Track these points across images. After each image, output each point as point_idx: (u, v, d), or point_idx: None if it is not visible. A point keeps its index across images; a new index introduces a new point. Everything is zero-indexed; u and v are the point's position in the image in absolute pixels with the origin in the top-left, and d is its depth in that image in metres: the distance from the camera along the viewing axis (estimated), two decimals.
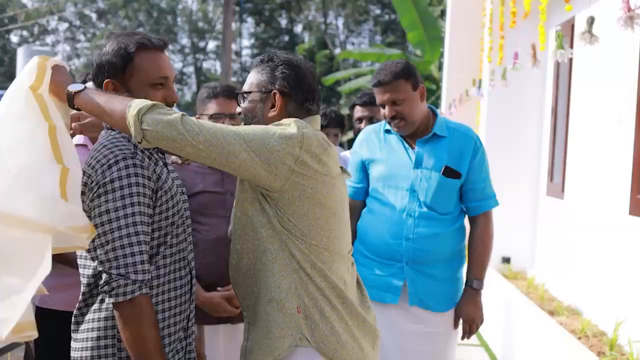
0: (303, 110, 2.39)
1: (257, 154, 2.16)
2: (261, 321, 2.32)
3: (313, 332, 2.27)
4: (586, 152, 5.23)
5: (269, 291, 2.29)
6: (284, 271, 2.28)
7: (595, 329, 4.41)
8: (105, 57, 2.26)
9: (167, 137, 2.09)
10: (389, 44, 30.08)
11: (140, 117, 2.07)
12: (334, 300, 2.32)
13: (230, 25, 24.45)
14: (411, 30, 13.89)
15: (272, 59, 2.41)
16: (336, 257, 2.35)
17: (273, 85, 2.36)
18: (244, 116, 2.43)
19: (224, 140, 2.13)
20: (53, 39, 38.42)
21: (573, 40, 5.33)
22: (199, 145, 2.11)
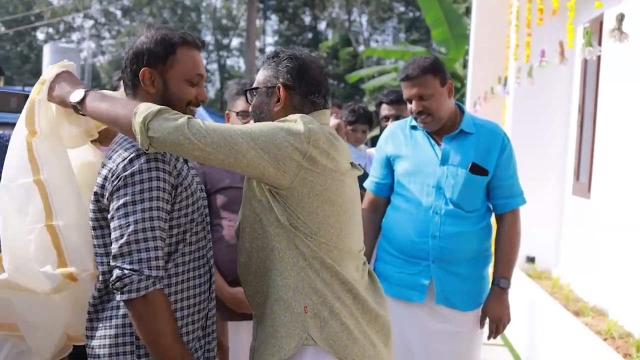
0: (307, 103, 2.38)
1: (265, 151, 2.15)
2: (268, 320, 2.30)
3: (322, 330, 2.25)
4: (613, 151, 5.17)
5: (276, 290, 2.28)
6: (291, 270, 2.26)
7: (622, 330, 4.36)
8: (146, 45, 2.26)
9: (173, 143, 2.08)
10: (413, 41, 29.93)
11: (146, 124, 2.07)
12: (344, 296, 2.29)
13: (254, 23, 24.50)
14: (435, 28, 13.80)
15: (278, 55, 2.42)
16: (346, 255, 2.33)
17: (277, 80, 2.37)
18: (253, 112, 2.44)
19: (231, 140, 2.12)
20: (78, 36, 38.73)
21: (601, 38, 5.27)
22: (207, 148, 2.10)
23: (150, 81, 2.25)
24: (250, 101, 2.46)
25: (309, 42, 36.29)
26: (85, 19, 38.41)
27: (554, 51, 5.15)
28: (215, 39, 37.72)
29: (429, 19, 13.82)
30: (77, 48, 30.08)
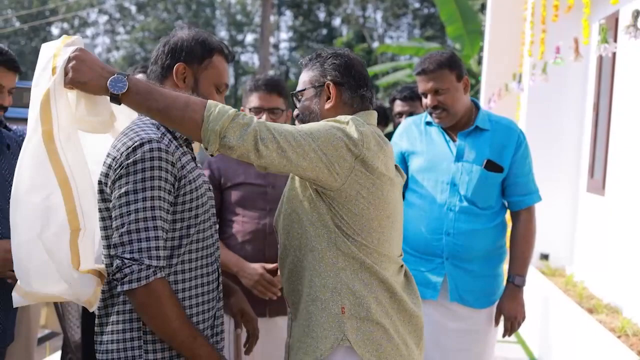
0: (357, 98, 2.39)
1: (323, 152, 2.13)
2: (303, 319, 2.31)
3: (358, 331, 2.25)
4: (628, 148, 5.16)
5: (313, 290, 2.28)
6: (330, 271, 2.26)
7: (636, 327, 4.35)
8: (186, 43, 2.31)
9: (243, 153, 2.06)
10: (428, 37, 29.87)
11: (222, 131, 2.03)
12: (382, 295, 2.29)
13: (268, 18, 24.51)
14: (450, 24, 13.75)
15: (320, 55, 2.43)
16: (385, 259, 2.32)
17: (325, 78, 2.37)
18: (301, 115, 2.42)
19: (295, 144, 2.10)
20: (93, 32, 38.88)
21: (617, 34, 5.25)
22: (272, 154, 2.07)
23: (182, 76, 2.29)
24: (296, 105, 2.46)
25: (323, 38, 36.26)
26: (100, 14, 38.57)
27: (568, 48, 5.14)
28: (229, 35, 37.77)
29: (443, 15, 13.79)
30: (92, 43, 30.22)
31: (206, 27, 35.94)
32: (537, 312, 5.98)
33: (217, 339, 2.37)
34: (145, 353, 2.15)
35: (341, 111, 2.35)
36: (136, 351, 2.15)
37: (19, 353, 3.22)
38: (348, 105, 2.37)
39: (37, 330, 3.63)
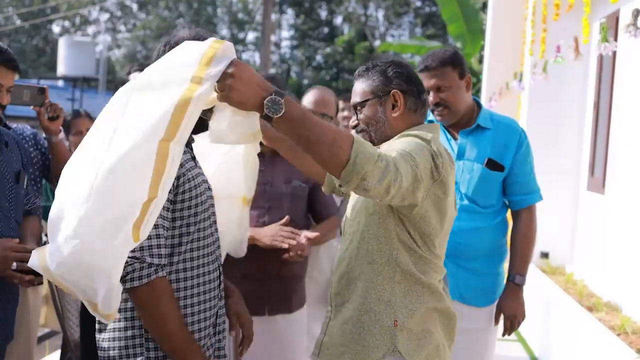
0: (420, 103, 2.41)
1: (423, 179, 2.13)
2: (352, 326, 2.33)
3: (408, 341, 2.28)
4: (628, 147, 5.16)
5: (367, 302, 2.31)
6: (387, 284, 2.29)
7: (635, 325, 4.36)
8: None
9: (375, 194, 2.00)
10: (429, 36, 29.89)
11: (364, 174, 1.92)
12: (432, 303, 2.33)
13: (269, 17, 24.50)
14: (452, 23, 13.77)
15: (377, 64, 2.42)
16: (438, 268, 2.37)
17: (390, 86, 2.37)
18: (365, 126, 2.40)
19: (412, 179, 2.07)
20: (94, 30, 38.94)
21: (617, 33, 5.26)
22: (397, 195, 2.04)
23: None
24: (357, 117, 2.43)
25: (325, 37, 36.28)
26: (101, 12, 38.62)
27: (569, 47, 5.15)
28: (231, 33, 37.79)
29: (445, 14, 13.80)
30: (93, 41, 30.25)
31: (207, 25, 35.95)
32: (538, 311, 5.99)
33: (219, 337, 2.39)
34: (147, 351, 2.16)
35: (407, 118, 2.38)
36: (137, 349, 2.15)
37: (18, 351, 3.23)
38: (412, 111, 2.39)
39: (37, 329, 3.64)
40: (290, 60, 38.61)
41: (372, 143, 2.33)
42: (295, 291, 3.41)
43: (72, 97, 22.96)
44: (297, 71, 38.12)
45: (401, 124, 2.37)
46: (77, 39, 27.11)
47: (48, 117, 3.25)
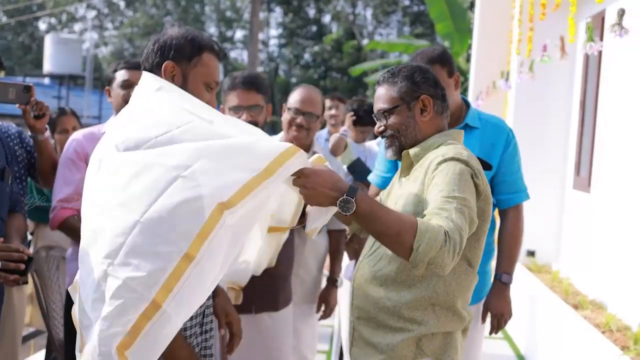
0: (445, 106, 2.48)
1: (472, 208, 2.19)
2: (378, 339, 2.36)
3: (440, 349, 2.34)
4: (614, 146, 5.19)
5: (395, 316, 2.33)
6: (419, 304, 2.32)
7: (620, 323, 4.39)
8: (175, 40, 2.30)
9: (443, 270, 2.09)
10: (417, 35, 29.92)
11: (431, 260, 2.04)
12: (462, 308, 2.39)
13: (257, 15, 24.48)
14: (440, 22, 13.81)
15: (402, 70, 2.47)
16: (473, 277, 2.41)
17: (419, 91, 2.43)
18: (394, 132, 2.45)
19: (464, 229, 2.13)
20: (81, 27, 38.75)
21: (603, 33, 5.28)
22: (458, 252, 2.10)
23: (171, 75, 2.28)
24: (384, 123, 2.46)
25: (313, 35, 36.26)
26: (88, 10, 38.43)
27: (555, 46, 5.17)
28: (219, 31, 37.71)
29: (433, 12, 13.83)
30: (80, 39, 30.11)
31: (195, 23, 35.86)
32: (524, 309, 6.02)
33: (206, 336, 2.39)
34: None
35: (435, 121, 2.45)
36: None
37: (3, 351, 3.22)
38: (439, 114, 2.46)
39: (22, 329, 3.63)
40: (278, 58, 38.57)
41: (402, 148, 2.43)
42: (282, 290, 3.41)
43: (59, 95, 22.85)
44: (285, 69, 38.09)
45: (430, 128, 2.44)
46: (63, 36, 26.99)
47: (34, 116, 3.23)
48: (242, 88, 3.27)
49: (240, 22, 38.04)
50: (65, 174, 3.14)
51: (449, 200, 2.14)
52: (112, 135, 2.14)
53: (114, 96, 3.30)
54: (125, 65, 3.29)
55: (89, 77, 24.04)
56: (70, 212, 3.05)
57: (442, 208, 2.11)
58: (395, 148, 2.45)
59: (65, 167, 3.16)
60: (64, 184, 3.12)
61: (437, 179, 2.22)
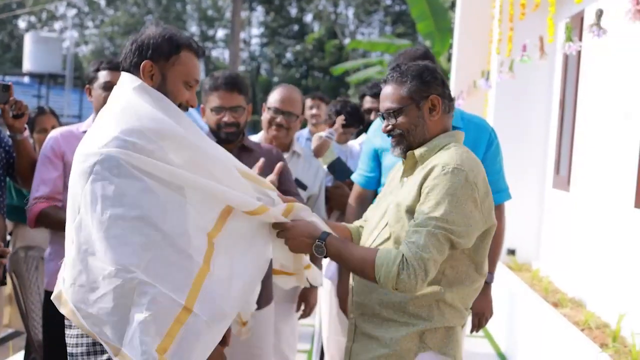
0: (452, 104, 2.50)
1: (460, 229, 2.24)
2: (382, 333, 2.39)
3: (442, 342, 2.38)
4: (593, 145, 5.23)
5: (401, 311, 2.37)
6: (426, 301, 2.35)
7: (599, 320, 4.42)
8: (152, 40, 2.30)
9: (415, 291, 2.24)
10: (399, 34, 29.98)
11: (394, 286, 2.21)
12: (461, 310, 2.42)
13: (239, 14, 24.43)
14: (421, 21, 13.85)
15: (410, 69, 2.47)
16: (480, 281, 2.45)
17: (428, 91, 2.43)
18: (402, 131, 2.45)
19: (434, 252, 2.20)
20: (61, 25, 38.46)
21: (582, 33, 5.32)
22: (432, 271, 2.23)
23: (150, 74, 2.29)
24: (393, 122, 2.47)
25: (295, 34, 36.25)
26: (68, 8, 38.17)
27: (535, 46, 5.20)
28: (200, 30, 37.60)
29: (414, 12, 13.87)
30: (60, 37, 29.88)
31: (177, 22, 35.71)
32: (504, 307, 6.05)
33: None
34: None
35: (442, 121, 2.47)
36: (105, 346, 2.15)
37: None
38: (446, 113, 2.48)
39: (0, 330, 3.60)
40: (260, 57, 38.52)
41: (410, 147, 2.44)
42: (263, 288, 3.40)
43: (38, 94, 22.69)
44: (267, 69, 38.05)
45: (438, 127, 2.46)
46: (43, 35, 26.75)
47: (12, 115, 3.20)
48: (224, 89, 3.26)
49: (221, 21, 37.95)
50: (42, 172, 3.14)
51: (426, 222, 2.22)
52: (92, 136, 2.17)
53: (94, 96, 3.27)
54: (107, 66, 3.26)
55: (69, 76, 23.88)
56: (45, 204, 3.04)
57: (416, 231, 2.23)
58: (403, 147, 2.46)
59: (42, 165, 3.17)
60: (40, 183, 3.11)
61: (431, 193, 2.26)
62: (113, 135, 2.10)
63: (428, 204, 2.25)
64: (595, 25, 3.81)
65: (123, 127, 2.12)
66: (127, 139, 2.09)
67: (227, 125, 3.24)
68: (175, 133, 2.16)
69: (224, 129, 3.24)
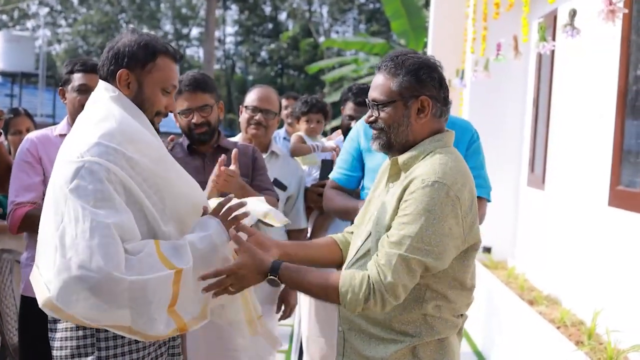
0: (445, 109, 2.31)
1: (443, 256, 2.13)
2: (372, 352, 2.26)
3: (437, 354, 2.26)
4: (567, 143, 5.28)
5: (387, 328, 2.24)
6: (411, 318, 2.23)
7: (574, 318, 4.46)
8: (128, 48, 2.29)
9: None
10: (373, 32, 30.02)
11: (361, 310, 2.14)
12: (452, 320, 2.29)
13: (213, 12, 24.34)
14: (395, 20, 13.88)
15: (408, 60, 2.27)
16: (463, 289, 2.31)
17: (420, 91, 2.24)
18: (386, 127, 2.27)
19: (404, 276, 2.09)
20: (33, 24, 38.02)
21: (555, 32, 5.37)
22: (402, 296, 2.13)
23: (126, 83, 2.29)
24: (376, 114, 2.29)
25: (269, 33, 36.15)
26: (41, 6, 37.72)
27: (509, 45, 5.24)
28: (174, 29, 37.35)
29: (388, 10, 13.90)
30: (32, 36, 29.55)
31: (150, 20, 35.46)
32: (480, 305, 6.09)
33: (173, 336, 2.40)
34: (97, 350, 2.19)
35: (430, 125, 2.27)
36: (89, 348, 2.18)
37: None
38: (437, 117, 2.29)
39: None
40: (234, 56, 38.37)
41: (389, 143, 2.28)
42: None
43: (11, 93, 22.41)
44: (242, 67, 37.92)
45: (424, 130, 2.27)
46: (15, 34, 26.47)
47: None
48: (189, 90, 3.25)
49: (196, 20, 37.72)
50: (21, 178, 3.06)
51: (401, 242, 2.10)
52: (72, 143, 2.20)
53: (69, 99, 3.22)
54: (81, 68, 3.21)
55: (42, 75, 23.60)
56: (27, 207, 2.98)
57: (387, 253, 2.11)
58: (382, 142, 2.29)
59: (21, 170, 3.08)
60: (23, 188, 3.03)
61: (408, 208, 2.12)
62: (93, 141, 2.13)
63: (404, 220, 2.12)
64: (569, 26, 3.85)
65: (102, 132, 2.15)
66: (108, 144, 2.12)
67: (197, 126, 3.24)
68: (149, 144, 2.24)
69: (195, 130, 3.25)
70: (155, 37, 2.36)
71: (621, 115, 4.23)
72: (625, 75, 4.21)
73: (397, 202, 2.18)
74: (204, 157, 3.29)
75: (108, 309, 2.07)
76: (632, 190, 4.06)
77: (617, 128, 4.24)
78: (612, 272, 4.21)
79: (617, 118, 4.24)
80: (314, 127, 4.62)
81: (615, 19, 3.28)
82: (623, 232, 4.14)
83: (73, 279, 2.04)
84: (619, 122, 4.23)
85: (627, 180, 4.18)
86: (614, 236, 4.24)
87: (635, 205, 3.97)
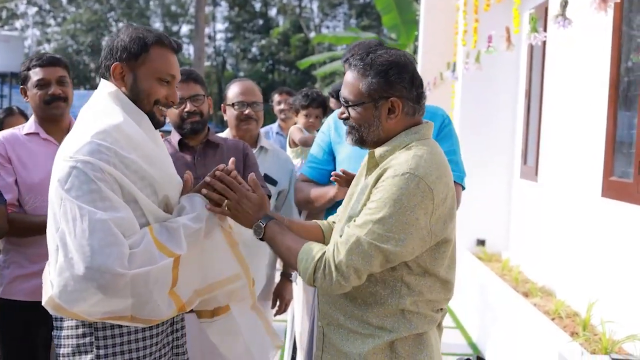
0: (418, 107, 2.27)
1: (402, 243, 2.10)
2: (350, 348, 2.26)
3: (415, 349, 2.25)
4: (559, 134, 5.28)
5: (365, 323, 2.24)
6: (388, 312, 2.23)
7: (569, 309, 4.47)
8: (121, 42, 2.31)
9: (337, 291, 2.19)
10: (364, 27, 30.01)
11: (312, 282, 2.19)
12: (430, 315, 2.28)
13: (203, 9, 24.25)
14: (386, 14, 13.86)
15: (377, 59, 2.23)
16: (439, 283, 2.27)
17: (389, 92, 2.21)
18: (357, 125, 2.26)
19: (358, 258, 2.11)
20: (22, 24, 37.83)
21: (547, 24, 5.36)
22: (354, 280, 2.14)
23: (120, 76, 2.30)
24: (347, 113, 2.28)
25: (259, 29, 36.08)
26: (29, 6, 37.54)
27: (501, 37, 5.22)
28: (164, 26, 37.23)
29: (379, 4, 13.88)
30: (21, 36, 29.42)
31: (140, 18, 35.35)
32: (475, 297, 6.09)
33: (178, 335, 2.42)
34: (96, 349, 2.21)
35: (403, 122, 2.25)
36: (88, 347, 2.22)
37: None
38: (409, 116, 2.25)
39: None
40: (225, 52, 38.30)
41: (363, 140, 2.28)
42: None
43: (1, 93, 22.33)
44: (233, 64, 37.84)
45: (397, 127, 2.25)
46: (4, 33, 26.33)
47: None
48: (181, 80, 3.24)
49: (185, 17, 37.61)
50: None
51: (363, 225, 2.11)
52: (68, 142, 2.23)
53: (30, 96, 3.17)
54: (38, 63, 3.16)
55: None
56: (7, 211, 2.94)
57: (347, 233, 2.14)
58: (355, 138, 2.29)
59: None
60: None
61: (376, 195, 2.13)
62: (86, 140, 2.15)
63: (371, 205, 2.12)
64: (560, 16, 3.83)
65: (96, 130, 2.17)
66: (101, 142, 2.13)
67: (190, 115, 3.23)
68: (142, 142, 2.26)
69: (188, 120, 3.23)
70: (149, 29, 2.37)
71: (613, 106, 4.22)
72: (617, 66, 4.21)
73: (370, 190, 2.19)
74: (194, 152, 3.28)
75: (112, 303, 2.10)
76: (625, 180, 4.06)
77: (609, 119, 4.24)
78: (607, 263, 4.21)
79: (610, 109, 4.24)
80: (313, 122, 4.62)
81: (607, 9, 3.26)
82: (616, 222, 4.14)
83: (76, 278, 2.06)
84: (612, 113, 4.23)
85: (620, 171, 4.18)
86: (608, 227, 4.24)
87: (628, 196, 3.97)
